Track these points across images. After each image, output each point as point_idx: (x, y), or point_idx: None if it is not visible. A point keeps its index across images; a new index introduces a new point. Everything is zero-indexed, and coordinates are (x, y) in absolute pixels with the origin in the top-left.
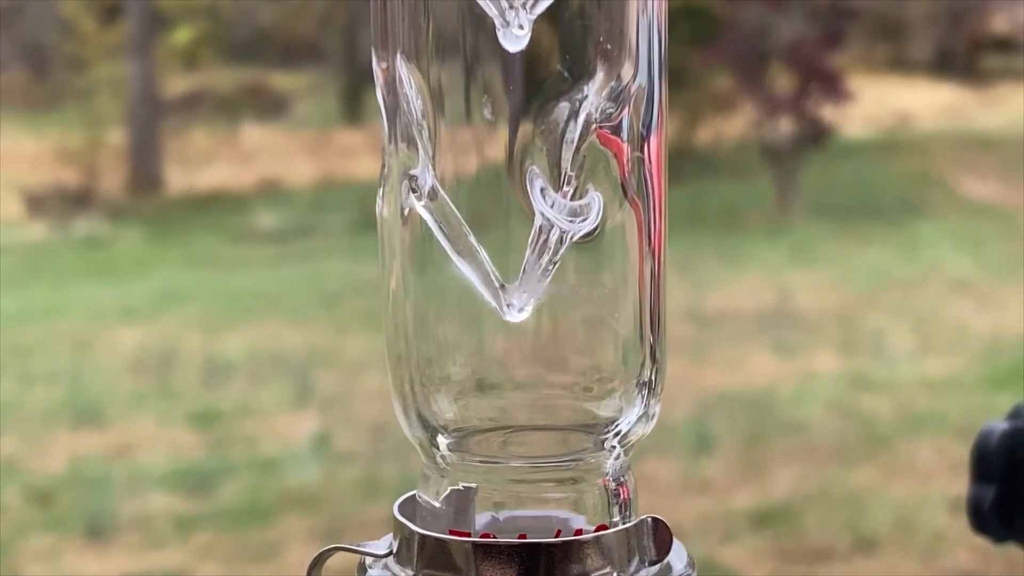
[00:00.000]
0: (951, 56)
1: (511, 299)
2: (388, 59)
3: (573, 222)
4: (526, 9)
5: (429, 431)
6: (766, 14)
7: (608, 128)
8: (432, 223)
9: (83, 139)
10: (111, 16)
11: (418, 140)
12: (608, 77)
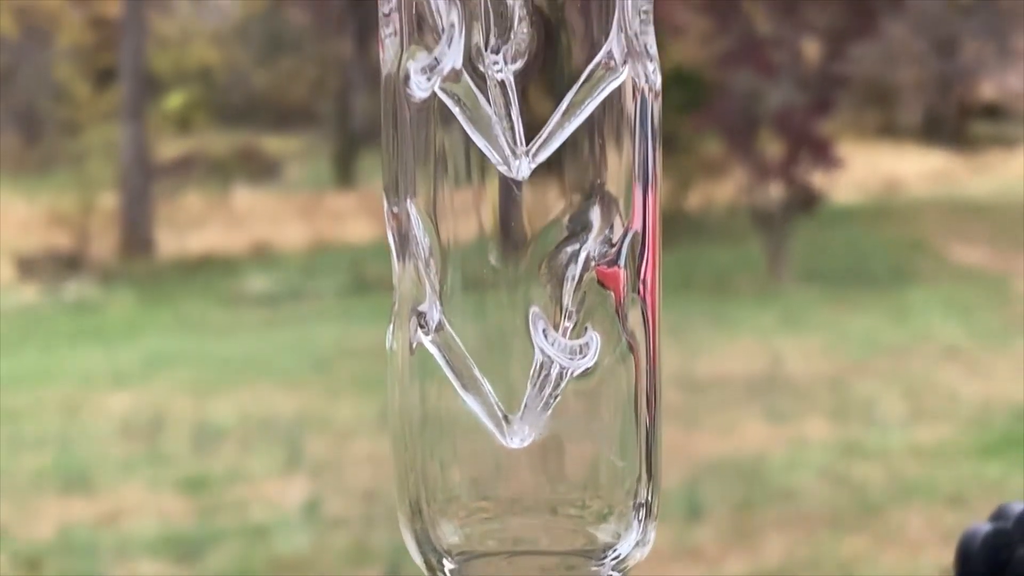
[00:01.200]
0: (940, 122)
1: (514, 431)
2: (399, 203)
3: (573, 359)
4: (528, 156)
5: (435, 554)
6: (756, 81)
7: (605, 265)
8: (439, 357)
9: (75, 203)
10: (105, 80)
11: (426, 278)
12: (604, 225)
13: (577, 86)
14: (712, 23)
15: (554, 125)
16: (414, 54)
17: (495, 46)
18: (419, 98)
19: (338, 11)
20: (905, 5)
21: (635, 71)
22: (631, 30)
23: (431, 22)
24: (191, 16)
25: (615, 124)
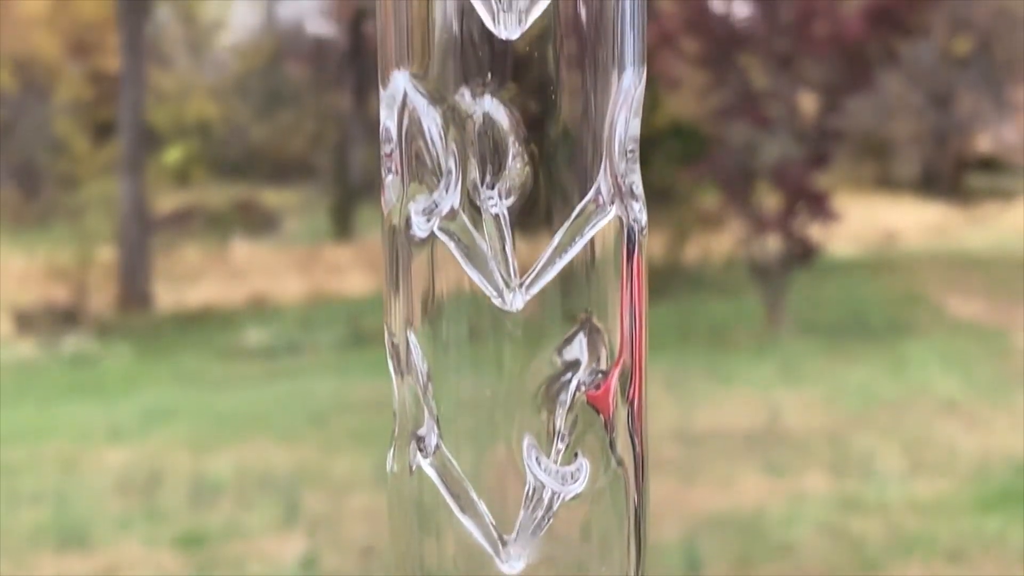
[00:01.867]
0: (937, 175)
1: (509, 554)
2: (399, 333)
3: (564, 485)
4: (521, 289)
5: None
6: (753, 133)
7: (595, 388)
8: (436, 480)
9: (73, 256)
10: (103, 134)
11: (424, 402)
12: (593, 357)
13: (568, 223)
14: (709, 77)
15: (546, 260)
16: (414, 196)
17: (490, 182)
18: (420, 238)
19: (337, 65)
20: (900, 58)
21: (622, 210)
22: (618, 171)
23: (430, 165)
24: (190, 70)
25: (603, 259)
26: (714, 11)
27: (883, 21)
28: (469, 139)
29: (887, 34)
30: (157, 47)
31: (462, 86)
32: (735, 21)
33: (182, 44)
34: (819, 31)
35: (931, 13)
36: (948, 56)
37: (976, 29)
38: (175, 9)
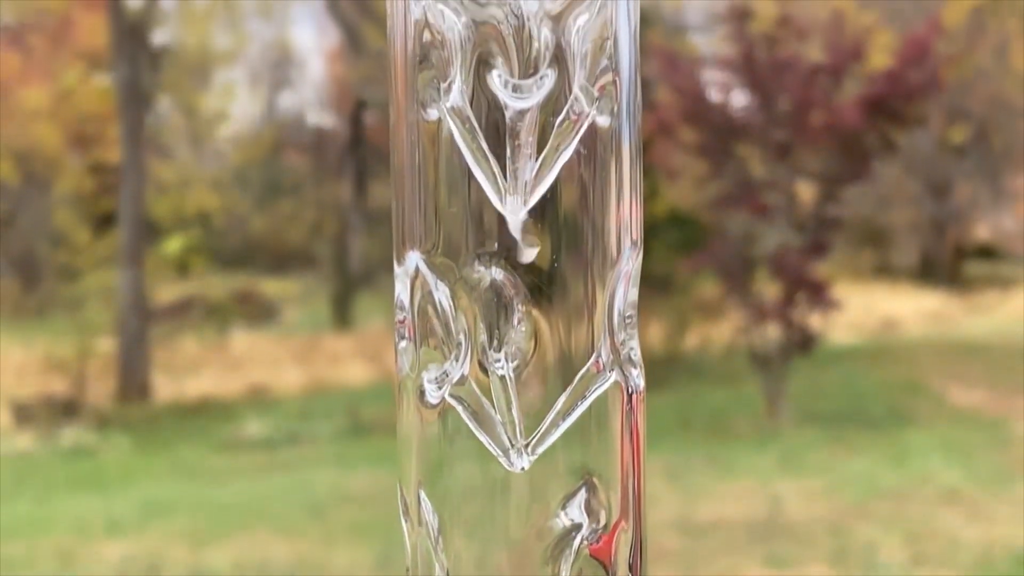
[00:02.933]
0: (936, 263)
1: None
2: (409, 487)
3: None
4: (527, 450)
5: None
6: (751, 222)
7: (596, 543)
8: None
9: (72, 348)
10: (104, 225)
11: (435, 556)
12: (594, 518)
13: (570, 388)
14: (707, 166)
15: (549, 423)
16: (426, 364)
17: (496, 345)
18: (432, 403)
19: (337, 156)
20: (898, 148)
21: (621, 376)
22: (618, 338)
23: (440, 333)
24: (191, 162)
25: (603, 422)
26: (711, 101)
27: (880, 111)
28: (477, 306)
29: (884, 124)
30: (158, 139)
31: (470, 258)
32: (732, 111)
33: (183, 135)
34: (816, 121)
35: (928, 103)
36: (945, 145)
37: (973, 118)
38: (176, 101)
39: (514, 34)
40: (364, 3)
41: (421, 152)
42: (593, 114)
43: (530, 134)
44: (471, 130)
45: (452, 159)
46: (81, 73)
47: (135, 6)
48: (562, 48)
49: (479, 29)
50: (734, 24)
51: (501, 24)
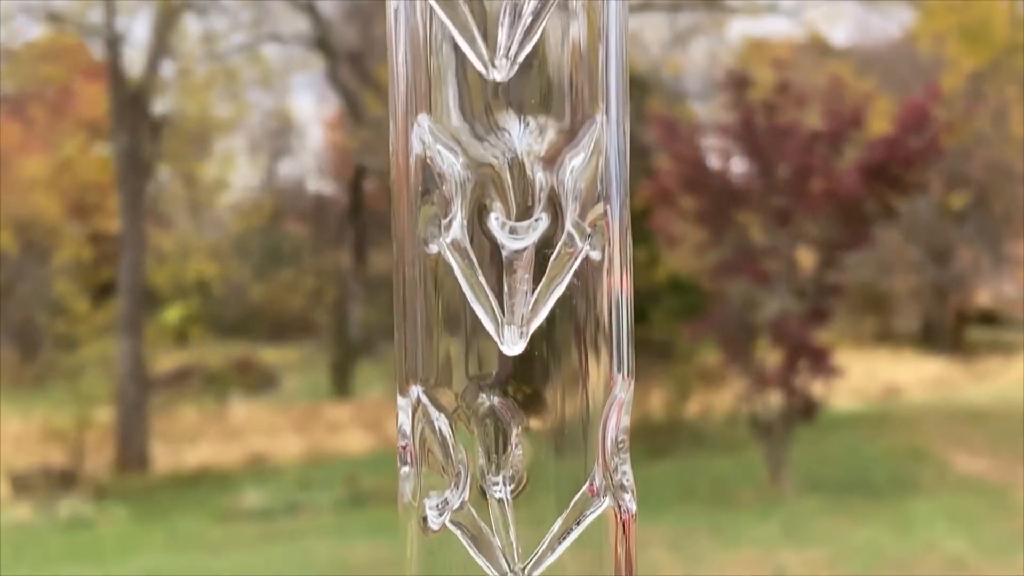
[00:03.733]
0: (937, 330)
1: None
2: None
3: None
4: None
5: None
6: (752, 289)
7: None
8: None
9: (70, 418)
10: (103, 295)
11: None
12: None
13: (565, 513)
14: (707, 233)
15: (545, 547)
16: (427, 492)
17: (494, 469)
18: (433, 529)
19: (336, 223)
20: (898, 214)
21: (613, 501)
22: (611, 465)
23: (440, 459)
24: (190, 230)
25: (597, 546)
26: (711, 168)
27: (879, 177)
28: (476, 431)
29: (884, 190)
30: (157, 207)
31: (469, 386)
32: (732, 178)
33: (183, 204)
34: (816, 188)
35: (927, 169)
36: (946, 211)
37: (973, 184)
38: (176, 169)
39: (511, 177)
40: (363, 72)
41: (422, 286)
42: (586, 249)
43: (526, 271)
44: (470, 265)
45: (452, 292)
46: (81, 143)
47: (136, 76)
48: (556, 190)
49: (478, 170)
50: (733, 91)
51: (498, 166)
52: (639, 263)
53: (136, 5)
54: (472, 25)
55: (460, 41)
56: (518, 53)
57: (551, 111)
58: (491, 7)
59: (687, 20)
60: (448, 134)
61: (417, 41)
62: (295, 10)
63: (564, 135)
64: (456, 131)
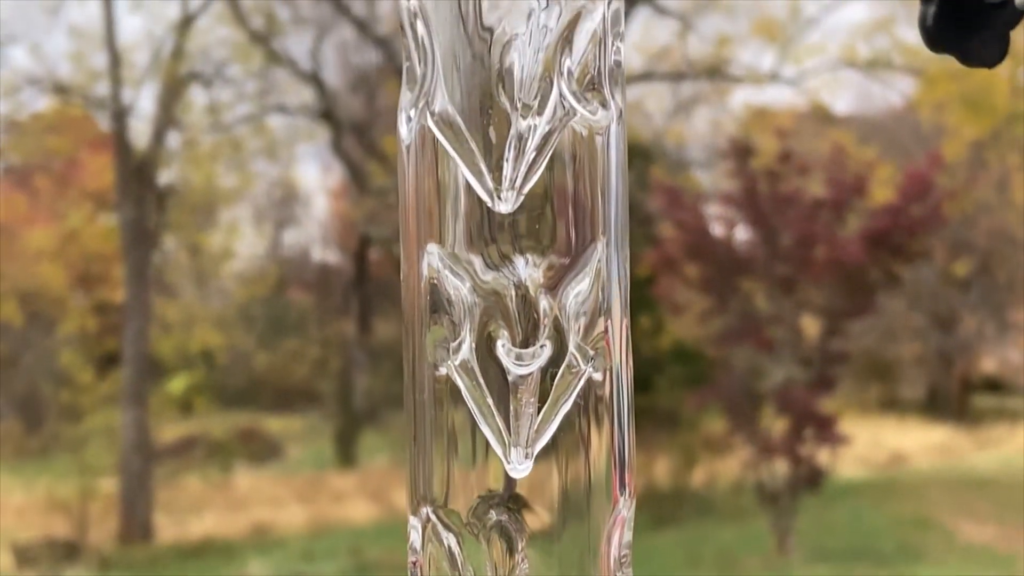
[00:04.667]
0: (943, 397)
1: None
2: None
3: None
4: None
5: None
6: (757, 357)
7: None
8: None
9: (74, 489)
10: (107, 365)
11: None
12: None
13: None
14: (711, 301)
15: None
16: None
17: None
18: None
19: (341, 293)
20: (902, 281)
21: None
22: None
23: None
24: (195, 300)
25: None
26: (715, 236)
27: (883, 245)
28: (483, 548)
29: (887, 258)
30: (163, 277)
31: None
32: (736, 246)
33: (188, 274)
34: (820, 255)
35: (930, 237)
36: (950, 278)
37: (976, 251)
38: (181, 239)
39: (516, 304)
40: (368, 142)
41: (432, 408)
42: (588, 371)
43: (532, 395)
44: (478, 387)
45: (460, 414)
46: (87, 213)
47: (142, 147)
48: (559, 315)
49: (485, 297)
50: (736, 160)
51: (504, 294)
52: (643, 330)
53: (142, 77)
54: (479, 159)
55: (467, 174)
56: (523, 185)
57: (555, 241)
58: (497, 140)
59: (689, 89)
60: (456, 262)
61: (425, 173)
62: (300, 81)
63: (567, 263)
64: (464, 259)
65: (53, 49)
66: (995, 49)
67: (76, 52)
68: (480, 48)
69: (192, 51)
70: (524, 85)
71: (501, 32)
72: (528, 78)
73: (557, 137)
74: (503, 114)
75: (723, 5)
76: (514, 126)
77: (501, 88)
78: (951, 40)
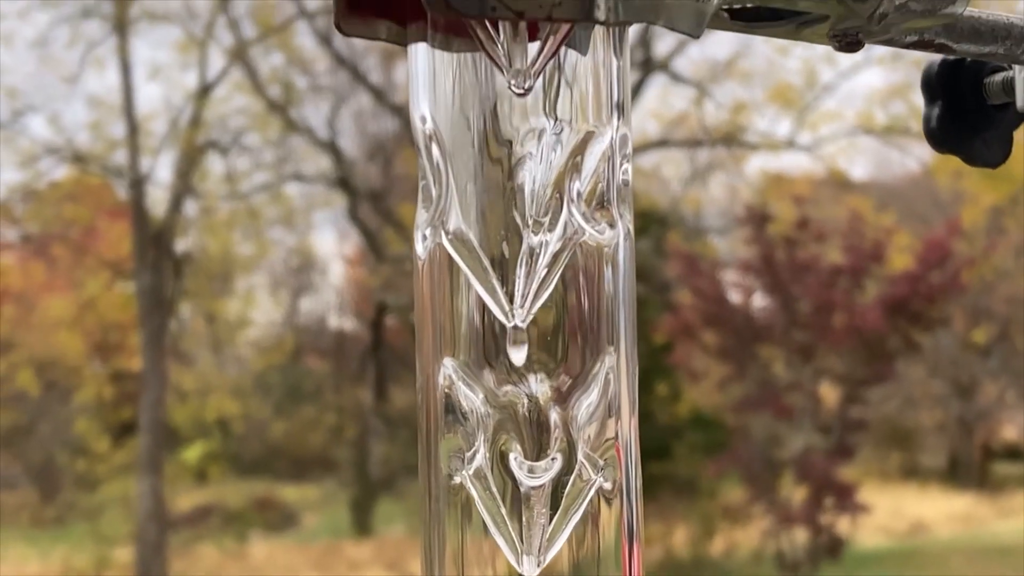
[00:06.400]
0: (964, 465)
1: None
2: None
3: None
4: None
5: None
6: (776, 425)
7: None
8: None
9: (90, 559)
10: (124, 433)
11: None
12: None
13: None
14: (729, 368)
15: None
16: None
17: None
18: None
19: (357, 360)
20: (921, 349)
21: None
22: None
23: None
24: (211, 368)
25: None
26: (732, 303)
27: (901, 313)
28: None
29: (906, 325)
30: (179, 345)
31: None
32: (754, 313)
33: (204, 342)
34: (838, 323)
35: (949, 304)
36: (969, 345)
37: (996, 318)
38: (198, 307)
39: (528, 418)
40: (384, 210)
41: (446, 517)
42: (599, 480)
43: (543, 506)
44: (491, 496)
45: (474, 523)
46: (105, 282)
47: (159, 215)
48: (570, 429)
49: (498, 410)
50: (753, 227)
51: (516, 407)
52: (661, 398)
53: (160, 146)
54: (492, 276)
55: (480, 290)
56: (534, 302)
57: (566, 356)
58: (509, 256)
59: (706, 156)
60: (471, 375)
61: (440, 289)
62: (317, 149)
63: (577, 377)
64: (478, 373)
65: (72, 118)
66: (998, 150)
67: (94, 121)
68: (494, 169)
69: (210, 119)
70: (535, 203)
71: (514, 152)
72: (539, 196)
73: (568, 255)
74: (515, 230)
75: (739, 72)
76: (525, 242)
77: (513, 205)
78: (955, 141)
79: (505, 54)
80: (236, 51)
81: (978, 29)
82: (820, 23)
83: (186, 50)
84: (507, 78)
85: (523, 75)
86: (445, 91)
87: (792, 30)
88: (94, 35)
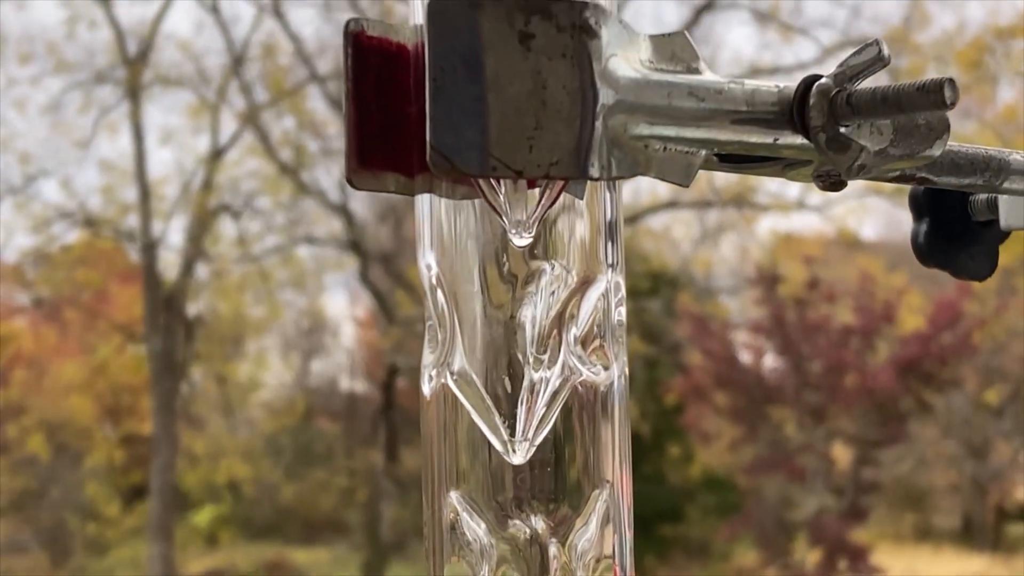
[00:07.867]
0: (978, 526)
1: None
2: None
3: None
4: None
5: None
6: (788, 486)
7: None
8: None
9: None
10: (134, 497)
11: None
12: None
13: None
14: (741, 430)
15: None
16: None
17: None
18: None
19: (368, 422)
20: (933, 409)
21: None
22: None
23: None
24: (222, 431)
25: None
26: (743, 364)
27: (913, 373)
28: None
29: (918, 386)
30: (190, 409)
31: None
32: (765, 374)
33: (215, 405)
34: (849, 383)
35: (961, 364)
36: (982, 406)
37: (1008, 379)
38: (209, 370)
39: (529, 551)
40: (395, 272)
41: None
42: None
43: None
44: None
45: None
46: (116, 345)
47: (170, 278)
48: (569, 563)
49: (501, 541)
50: (764, 288)
51: (518, 540)
52: (673, 459)
53: (172, 209)
54: (494, 414)
55: (483, 427)
56: (534, 437)
57: (564, 491)
58: (511, 391)
59: (716, 217)
60: (475, 507)
61: (446, 425)
62: (329, 212)
63: (575, 511)
64: (482, 506)
65: (84, 183)
66: (984, 263)
67: (106, 185)
68: (496, 310)
69: (222, 183)
70: (535, 341)
71: (516, 293)
72: (539, 335)
73: (566, 393)
74: (517, 366)
75: None
76: (527, 378)
77: (515, 343)
78: (942, 256)
79: (506, 202)
80: (248, 115)
81: (958, 163)
82: (804, 166)
83: (198, 114)
84: (508, 229)
85: (523, 226)
86: (450, 237)
87: (778, 170)
88: (107, 100)
